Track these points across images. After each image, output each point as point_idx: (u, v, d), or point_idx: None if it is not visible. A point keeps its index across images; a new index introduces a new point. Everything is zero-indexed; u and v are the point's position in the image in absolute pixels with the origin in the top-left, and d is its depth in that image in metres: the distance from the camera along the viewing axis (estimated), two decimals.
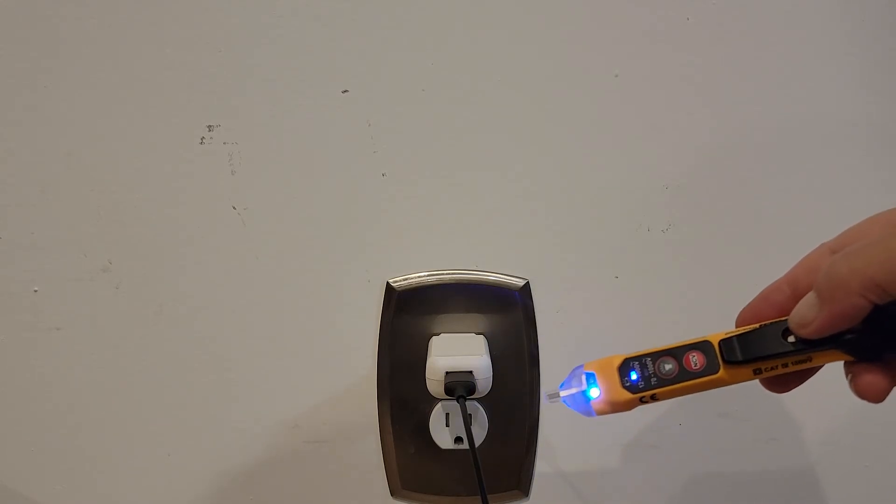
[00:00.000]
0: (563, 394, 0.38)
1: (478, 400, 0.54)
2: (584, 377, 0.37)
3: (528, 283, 0.55)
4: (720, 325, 0.55)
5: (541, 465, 0.58)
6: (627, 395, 0.36)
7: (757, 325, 0.35)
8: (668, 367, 0.36)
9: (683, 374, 0.35)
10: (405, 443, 0.56)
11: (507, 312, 0.55)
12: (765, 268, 0.55)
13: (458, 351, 0.52)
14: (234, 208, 0.53)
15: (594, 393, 0.36)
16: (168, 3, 0.50)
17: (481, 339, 0.54)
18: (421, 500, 0.58)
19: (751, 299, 0.57)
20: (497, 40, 0.51)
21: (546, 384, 0.56)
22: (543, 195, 0.54)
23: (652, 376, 0.36)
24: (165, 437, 0.57)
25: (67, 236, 0.53)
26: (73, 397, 0.56)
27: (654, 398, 0.36)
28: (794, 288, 0.36)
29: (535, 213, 0.54)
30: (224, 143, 0.52)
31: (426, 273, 0.55)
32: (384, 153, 0.53)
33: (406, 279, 0.55)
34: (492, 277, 0.55)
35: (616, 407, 0.36)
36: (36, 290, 0.54)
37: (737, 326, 0.36)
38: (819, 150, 0.53)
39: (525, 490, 0.58)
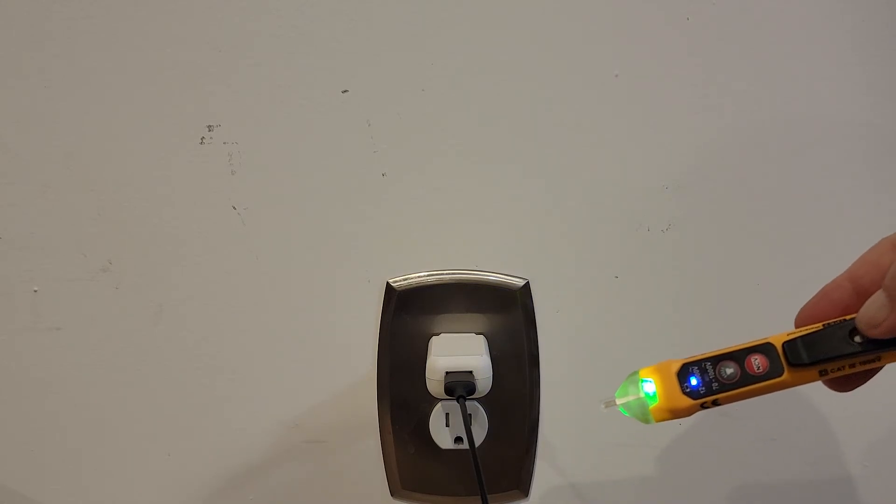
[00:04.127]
0: (619, 401, 0.37)
1: (478, 400, 0.54)
2: (641, 384, 0.36)
3: (528, 283, 0.55)
4: (720, 325, 0.56)
5: (541, 465, 0.58)
6: (688, 402, 0.34)
7: (820, 326, 0.34)
8: (729, 371, 0.34)
9: (746, 378, 0.34)
10: (405, 443, 0.56)
11: (507, 312, 0.55)
12: (765, 268, 0.55)
13: (458, 351, 0.52)
14: (234, 208, 0.53)
15: (652, 400, 0.35)
16: (168, 2, 0.50)
17: (481, 339, 0.54)
18: (421, 500, 0.58)
19: (750, 300, 0.57)
20: (497, 40, 0.51)
21: (546, 384, 0.56)
22: (543, 195, 0.54)
23: (713, 381, 0.34)
24: (165, 437, 0.57)
25: (67, 236, 0.53)
26: (72, 397, 0.56)
27: (715, 403, 0.35)
28: (855, 285, 0.35)
29: (535, 213, 0.54)
30: (224, 143, 0.52)
31: (426, 273, 0.55)
32: (384, 153, 0.53)
33: (406, 279, 0.55)
34: (492, 277, 0.55)
35: (677, 413, 0.35)
36: (36, 290, 0.54)
37: (797, 326, 0.35)
38: (819, 150, 0.53)
39: (525, 490, 0.58)
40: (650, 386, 0.35)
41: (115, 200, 0.53)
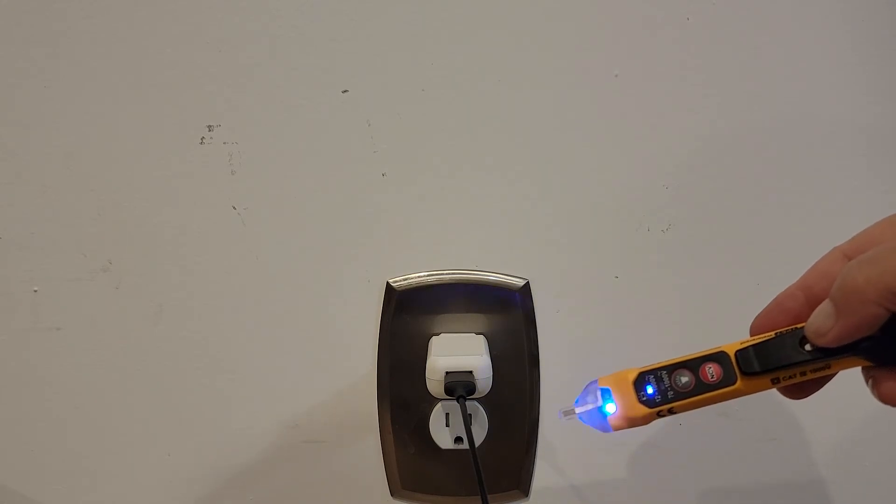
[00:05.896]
0: (578, 410, 0.38)
1: (478, 400, 0.54)
2: (599, 393, 0.36)
3: (528, 283, 0.55)
4: (720, 325, 0.56)
5: (541, 465, 0.58)
6: (644, 410, 0.35)
7: (772, 334, 0.35)
8: (684, 379, 0.35)
9: (700, 387, 0.35)
10: (405, 443, 0.56)
11: (507, 312, 0.55)
12: (765, 268, 0.55)
13: (458, 351, 0.52)
14: (234, 208, 0.53)
15: (610, 408, 0.36)
16: (168, 2, 0.50)
17: (481, 339, 0.54)
18: (421, 500, 0.58)
19: (750, 300, 0.57)
20: (497, 40, 0.51)
21: (546, 384, 0.56)
22: (543, 195, 0.54)
23: (668, 390, 0.35)
24: (165, 437, 0.57)
25: (67, 236, 0.53)
26: (72, 397, 0.56)
27: (671, 412, 0.35)
28: (807, 294, 0.35)
29: (535, 213, 0.54)
30: (224, 143, 0.52)
31: (426, 273, 0.55)
32: (384, 153, 0.53)
33: (406, 279, 0.55)
34: (492, 277, 0.55)
35: (633, 422, 0.36)
36: (36, 290, 0.54)
37: (751, 335, 0.36)
38: (819, 150, 0.53)
39: (525, 490, 0.58)
40: (608, 395, 0.36)
41: (115, 200, 0.53)
